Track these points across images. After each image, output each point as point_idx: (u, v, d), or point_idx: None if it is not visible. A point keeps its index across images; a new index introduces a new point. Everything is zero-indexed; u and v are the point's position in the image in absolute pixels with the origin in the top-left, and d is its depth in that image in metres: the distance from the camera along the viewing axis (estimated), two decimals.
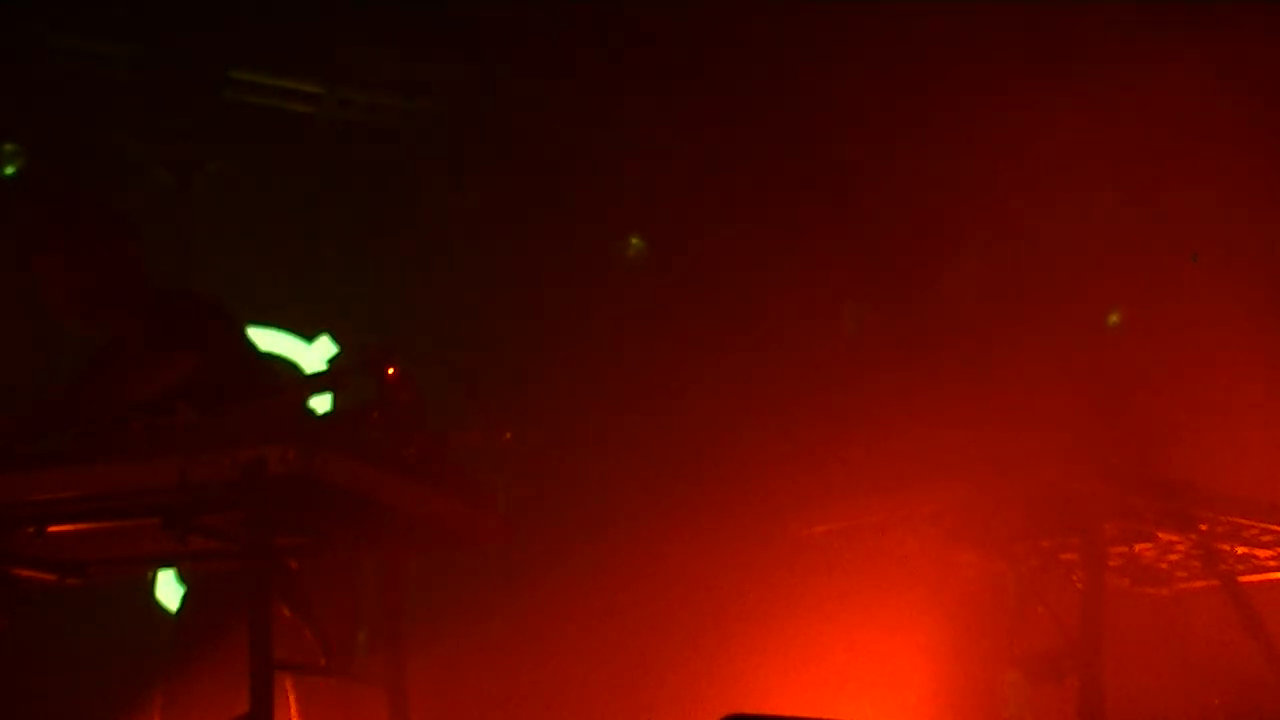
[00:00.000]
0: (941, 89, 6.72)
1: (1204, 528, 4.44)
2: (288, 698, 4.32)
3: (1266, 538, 4.55)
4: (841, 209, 7.40)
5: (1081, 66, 6.80)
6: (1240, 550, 4.63)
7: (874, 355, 7.42)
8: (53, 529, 3.60)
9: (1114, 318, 7.96)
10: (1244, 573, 4.76)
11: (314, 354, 6.98)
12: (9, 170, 6.58)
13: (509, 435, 4.29)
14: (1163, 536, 4.55)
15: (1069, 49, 6.72)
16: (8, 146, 6.57)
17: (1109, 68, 6.85)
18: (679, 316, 7.60)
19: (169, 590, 6.52)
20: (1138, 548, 4.67)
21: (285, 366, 6.86)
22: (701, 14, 6.56)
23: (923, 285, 7.60)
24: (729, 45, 6.72)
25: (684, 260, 7.64)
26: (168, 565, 5.39)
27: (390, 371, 3.87)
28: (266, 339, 6.97)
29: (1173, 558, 4.77)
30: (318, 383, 4.73)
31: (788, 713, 3.42)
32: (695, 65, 6.83)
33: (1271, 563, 4.74)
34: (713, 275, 7.61)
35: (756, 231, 7.60)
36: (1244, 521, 4.45)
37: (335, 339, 7.11)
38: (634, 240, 7.64)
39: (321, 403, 5.46)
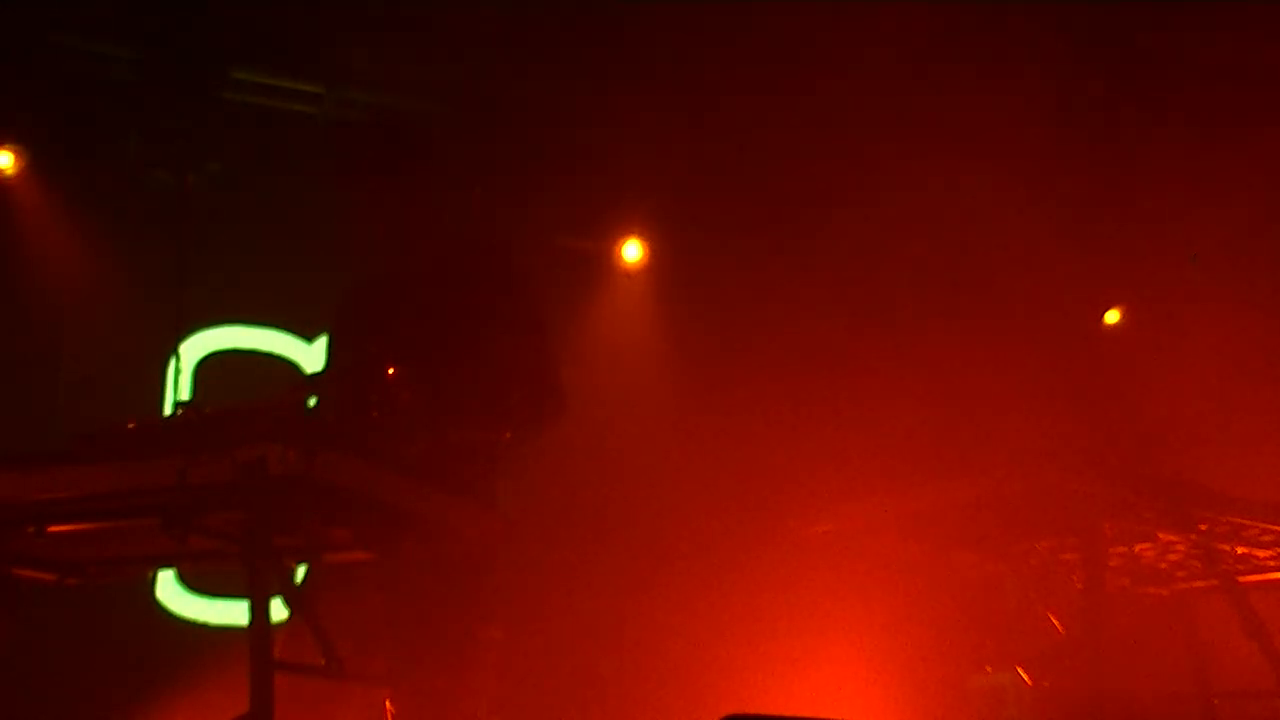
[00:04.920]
0: (941, 89, 6.72)
1: (1204, 528, 4.43)
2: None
3: (1266, 538, 4.54)
4: (838, 209, 7.40)
5: (1085, 63, 6.81)
6: (1240, 550, 4.62)
7: (874, 356, 7.42)
8: (53, 529, 3.59)
9: (1113, 317, 7.96)
10: (1244, 573, 4.75)
11: (314, 354, 6.97)
12: (9, 170, 6.59)
13: (509, 435, 4.28)
14: (1163, 536, 4.54)
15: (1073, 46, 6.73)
16: (8, 147, 6.57)
17: (1110, 64, 6.86)
18: (680, 318, 7.60)
19: (169, 590, 6.52)
20: (1138, 548, 4.67)
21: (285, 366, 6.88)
22: (701, 15, 6.56)
23: (923, 286, 7.60)
24: (728, 46, 6.72)
25: (685, 262, 7.64)
26: (168, 565, 5.38)
27: (390, 371, 3.87)
28: (266, 339, 6.97)
29: (1173, 558, 4.76)
30: (318, 383, 4.71)
31: (788, 712, 3.42)
32: (695, 66, 6.83)
33: (1271, 563, 4.73)
34: (713, 277, 7.61)
35: (756, 233, 7.60)
36: (1244, 521, 4.45)
37: None
38: (635, 241, 7.64)
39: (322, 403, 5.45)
